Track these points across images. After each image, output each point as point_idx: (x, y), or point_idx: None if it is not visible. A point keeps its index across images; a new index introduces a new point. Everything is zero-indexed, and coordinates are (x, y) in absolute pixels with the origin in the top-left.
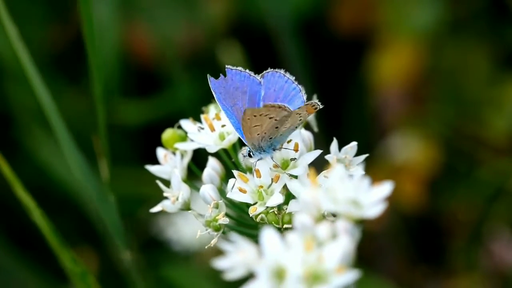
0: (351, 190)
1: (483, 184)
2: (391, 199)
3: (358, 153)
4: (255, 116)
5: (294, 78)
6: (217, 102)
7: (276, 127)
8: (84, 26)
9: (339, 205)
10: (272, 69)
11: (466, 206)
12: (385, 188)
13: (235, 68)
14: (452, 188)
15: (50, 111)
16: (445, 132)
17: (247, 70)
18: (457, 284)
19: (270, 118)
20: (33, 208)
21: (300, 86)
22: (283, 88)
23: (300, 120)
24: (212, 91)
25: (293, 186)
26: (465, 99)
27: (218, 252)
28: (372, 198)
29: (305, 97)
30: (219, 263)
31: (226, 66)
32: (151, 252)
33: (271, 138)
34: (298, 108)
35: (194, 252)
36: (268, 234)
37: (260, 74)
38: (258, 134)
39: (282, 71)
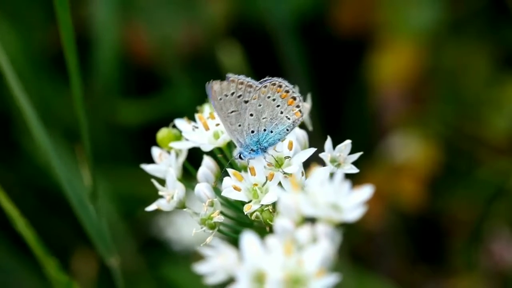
0: (331, 194)
1: (483, 184)
2: (391, 199)
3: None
4: (226, 96)
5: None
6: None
7: (252, 115)
8: (61, 28)
9: (319, 209)
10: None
11: (466, 206)
12: (365, 191)
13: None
14: (452, 188)
15: (29, 117)
16: (445, 132)
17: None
18: (457, 284)
19: (242, 98)
20: (17, 217)
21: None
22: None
23: (287, 117)
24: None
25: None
26: (465, 99)
27: None
28: (352, 202)
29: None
30: (200, 268)
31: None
32: (151, 252)
33: (253, 132)
34: (264, 85)
35: (194, 251)
36: (248, 238)
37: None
38: (239, 126)
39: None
